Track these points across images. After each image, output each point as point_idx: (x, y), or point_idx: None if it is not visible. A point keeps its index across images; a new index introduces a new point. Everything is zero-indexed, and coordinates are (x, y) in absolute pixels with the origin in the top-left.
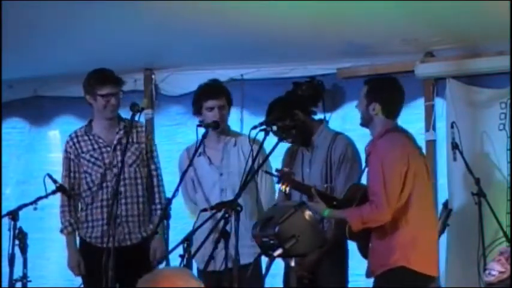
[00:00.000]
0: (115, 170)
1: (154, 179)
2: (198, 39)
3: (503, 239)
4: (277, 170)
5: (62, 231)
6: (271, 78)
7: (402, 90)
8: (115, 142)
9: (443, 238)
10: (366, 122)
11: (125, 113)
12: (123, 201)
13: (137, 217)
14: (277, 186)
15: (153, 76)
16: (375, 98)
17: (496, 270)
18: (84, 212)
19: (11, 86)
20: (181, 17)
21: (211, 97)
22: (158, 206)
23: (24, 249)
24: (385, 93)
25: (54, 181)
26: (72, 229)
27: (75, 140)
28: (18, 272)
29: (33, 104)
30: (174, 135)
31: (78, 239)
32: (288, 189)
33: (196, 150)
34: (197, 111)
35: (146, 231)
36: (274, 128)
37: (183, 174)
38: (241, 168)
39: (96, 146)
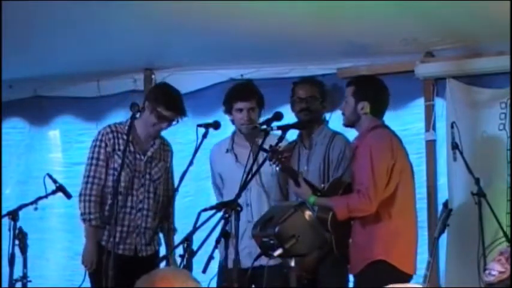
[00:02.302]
0: (142, 180)
1: (172, 198)
2: (198, 39)
3: (503, 239)
4: (270, 146)
5: (88, 220)
6: (271, 78)
7: (387, 90)
8: (149, 154)
9: (443, 238)
10: (351, 122)
11: (126, 113)
12: (144, 212)
13: (152, 230)
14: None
15: (153, 76)
16: (364, 96)
17: (496, 270)
18: (106, 213)
19: (11, 86)
20: (181, 17)
21: (241, 99)
22: (172, 226)
23: (24, 249)
24: (374, 91)
25: (54, 181)
26: (97, 223)
27: (115, 134)
28: (18, 272)
29: (33, 104)
30: (174, 135)
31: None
32: (277, 168)
33: (196, 150)
34: (227, 111)
35: (159, 244)
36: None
37: (184, 174)
38: (267, 167)
39: (132, 150)
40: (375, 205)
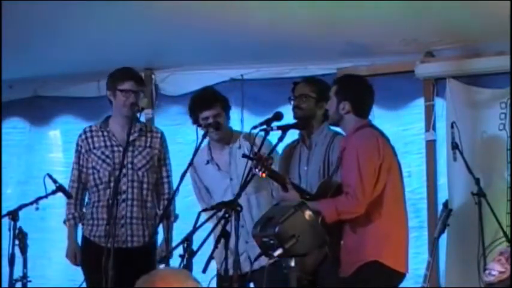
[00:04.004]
0: (124, 171)
1: (166, 186)
2: (198, 39)
3: (503, 239)
4: (254, 154)
5: (64, 222)
6: (271, 78)
7: (372, 90)
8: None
9: (443, 238)
10: (335, 122)
11: None
12: (129, 202)
13: (141, 220)
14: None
15: (153, 76)
16: (345, 96)
17: (496, 270)
18: (90, 210)
19: (11, 86)
20: (181, 16)
21: (204, 108)
22: (171, 213)
23: (24, 249)
24: (355, 92)
25: (54, 181)
26: (74, 222)
27: (88, 134)
28: (18, 272)
29: (33, 104)
30: (174, 135)
31: (81, 237)
32: (264, 175)
33: (196, 150)
34: (195, 121)
35: (150, 235)
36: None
37: (184, 174)
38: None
39: (108, 144)
40: (364, 206)
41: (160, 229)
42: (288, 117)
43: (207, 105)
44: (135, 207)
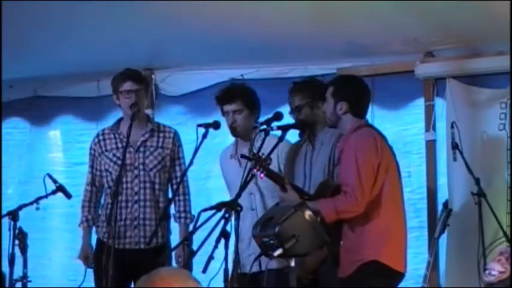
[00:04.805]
0: (136, 172)
1: (180, 186)
2: (198, 39)
3: (503, 239)
4: (253, 155)
5: (79, 225)
6: (271, 78)
7: (368, 89)
8: (138, 143)
9: (443, 238)
10: (333, 123)
11: None
12: (141, 204)
13: (154, 221)
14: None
15: (153, 76)
16: (342, 97)
17: (496, 270)
18: (104, 212)
19: (11, 86)
20: (181, 17)
21: (224, 102)
22: (183, 214)
23: (24, 249)
24: (352, 92)
25: (54, 181)
26: (88, 224)
27: (101, 137)
28: (18, 272)
29: (33, 104)
30: None
31: (95, 238)
32: (263, 175)
33: (196, 150)
34: (222, 114)
35: (164, 236)
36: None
37: (184, 174)
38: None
39: (120, 145)
40: (363, 205)
41: (177, 230)
42: (288, 117)
43: (227, 99)
44: (147, 208)
